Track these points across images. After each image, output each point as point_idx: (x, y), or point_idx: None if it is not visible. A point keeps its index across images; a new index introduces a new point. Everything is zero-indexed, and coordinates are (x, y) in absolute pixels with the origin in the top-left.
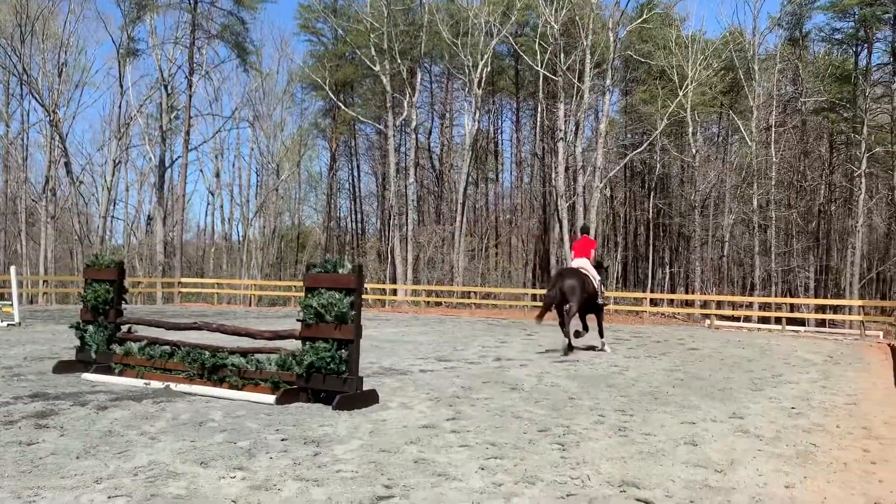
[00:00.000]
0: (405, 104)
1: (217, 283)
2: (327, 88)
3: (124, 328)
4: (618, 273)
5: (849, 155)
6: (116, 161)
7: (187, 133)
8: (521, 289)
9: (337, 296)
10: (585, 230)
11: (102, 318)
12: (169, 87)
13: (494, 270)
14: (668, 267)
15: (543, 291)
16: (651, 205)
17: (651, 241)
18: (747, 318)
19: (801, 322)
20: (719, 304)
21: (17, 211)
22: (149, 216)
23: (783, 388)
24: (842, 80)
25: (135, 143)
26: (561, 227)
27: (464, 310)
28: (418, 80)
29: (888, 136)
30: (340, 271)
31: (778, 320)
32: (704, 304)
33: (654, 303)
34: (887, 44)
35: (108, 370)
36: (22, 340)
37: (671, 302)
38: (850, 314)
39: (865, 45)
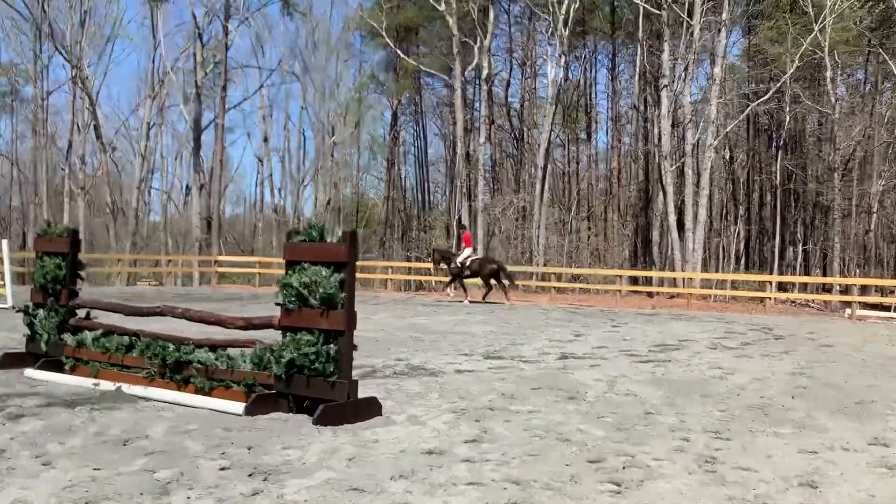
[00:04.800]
0: (475, 50)
1: (259, 262)
2: (384, 34)
3: (81, 313)
4: (738, 252)
5: None
6: (150, 124)
7: (224, 88)
8: (614, 270)
9: (323, 272)
10: (464, 227)
11: (52, 301)
12: (204, 37)
13: (586, 248)
14: (800, 244)
15: (639, 273)
16: (780, 168)
17: (780, 213)
18: None
19: None
20: (864, 290)
21: (44, 181)
22: (188, 186)
23: None
24: None
25: (173, 103)
26: (665, 197)
27: (543, 294)
28: (491, 20)
29: None
30: (328, 239)
31: None
32: (845, 290)
33: (781, 287)
34: None
35: (58, 365)
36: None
37: (803, 287)
38: None
39: None
